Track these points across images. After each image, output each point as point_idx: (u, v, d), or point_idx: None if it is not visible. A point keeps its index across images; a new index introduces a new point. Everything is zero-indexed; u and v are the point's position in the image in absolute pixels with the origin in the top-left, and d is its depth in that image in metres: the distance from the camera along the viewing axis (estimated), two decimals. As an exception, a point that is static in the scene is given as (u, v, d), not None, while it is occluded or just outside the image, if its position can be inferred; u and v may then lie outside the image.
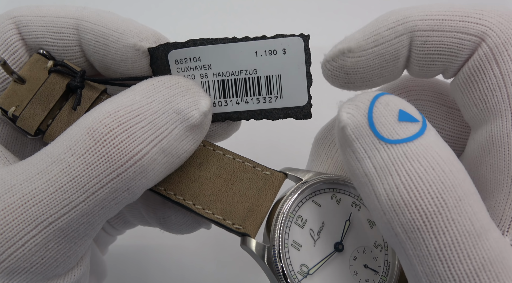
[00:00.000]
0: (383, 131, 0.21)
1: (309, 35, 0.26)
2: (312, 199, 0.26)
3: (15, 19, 0.27)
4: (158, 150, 0.23)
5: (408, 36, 0.24)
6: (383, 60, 0.25)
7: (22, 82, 0.26)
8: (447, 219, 0.19)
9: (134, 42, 0.25)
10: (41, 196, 0.21)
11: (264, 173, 0.27)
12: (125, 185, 0.22)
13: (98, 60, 0.27)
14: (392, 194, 0.20)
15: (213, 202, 0.26)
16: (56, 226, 0.22)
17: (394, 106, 0.22)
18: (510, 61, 0.22)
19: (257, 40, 0.26)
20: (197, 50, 0.26)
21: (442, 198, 0.19)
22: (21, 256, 0.21)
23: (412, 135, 0.21)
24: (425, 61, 0.25)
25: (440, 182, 0.20)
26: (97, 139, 0.22)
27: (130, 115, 0.22)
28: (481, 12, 0.23)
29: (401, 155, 0.20)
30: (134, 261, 0.43)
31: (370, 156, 0.21)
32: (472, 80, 0.24)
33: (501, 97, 0.23)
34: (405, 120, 0.21)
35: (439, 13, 0.24)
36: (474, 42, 0.23)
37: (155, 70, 0.26)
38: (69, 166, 0.22)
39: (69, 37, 0.27)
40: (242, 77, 0.26)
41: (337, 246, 0.26)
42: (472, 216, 0.19)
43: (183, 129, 0.24)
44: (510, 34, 0.23)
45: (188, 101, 0.24)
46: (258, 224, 0.26)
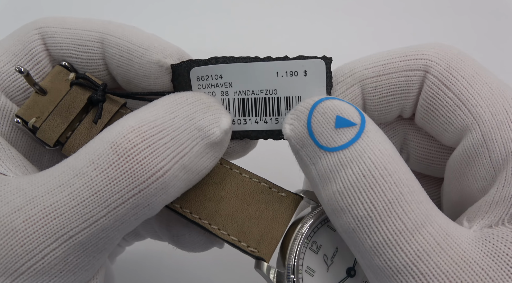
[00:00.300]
0: (321, 140, 0.23)
1: (331, 57, 0.26)
2: (327, 224, 0.26)
3: (41, 29, 0.27)
4: (180, 166, 0.23)
5: (358, 86, 0.26)
6: None
7: (44, 94, 0.27)
8: (377, 221, 0.21)
9: (158, 59, 0.26)
10: (62, 210, 0.22)
11: (280, 194, 0.27)
12: (146, 201, 0.22)
13: (121, 74, 0.27)
14: (331, 200, 0.22)
15: (229, 223, 0.26)
16: (76, 240, 0.22)
17: (330, 113, 0.23)
18: (457, 82, 0.24)
19: (279, 61, 0.26)
20: (219, 68, 0.26)
21: (372, 203, 0.21)
22: (41, 269, 0.22)
23: (347, 142, 0.22)
24: (382, 105, 0.26)
25: (370, 189, 0.21)
26: (120, 154, 0.22)
27: (153, 131, 0.23)
28: (417, 49, 0.25)
29: (337, 163, 0.22)
30: (137, 265, 0.44)
31: (314, 163, 0.23)
32: (432, 109, 0.25)
33: (463, 115, 0.24)
34: (341, 126, 0.23)
35: (380, 59, 0.26)
36: (419, 76, 0.25)
37: (176, 86, 0.26)
38: (92, 180, 0.22)
39: (93, 51, 0.27)
40: (262, 96, 0.26)
41: (349, 271, 0.26)
42: (402, 216, 0.21)
43: (203, 145, 0.24)
44: (448, 60, 0.25)
45: (210, 118, 0.24)
46: (273, 248, 0.26)
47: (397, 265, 0.21)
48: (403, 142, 0.29)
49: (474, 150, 0.24)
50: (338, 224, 0.23)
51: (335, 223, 0.23)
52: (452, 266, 0.20)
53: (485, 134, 0.23)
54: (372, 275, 0.22)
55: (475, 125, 0.24)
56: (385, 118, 0.27)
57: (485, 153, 0.23)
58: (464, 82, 0.24)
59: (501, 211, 0.22)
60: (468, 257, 0.21)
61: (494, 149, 0.23)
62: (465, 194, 0.25)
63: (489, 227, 0.22)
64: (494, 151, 0.23)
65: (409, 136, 0.29)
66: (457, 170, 0.25)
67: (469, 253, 0.21)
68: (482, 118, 0.24)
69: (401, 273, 0.21)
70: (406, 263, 0.21)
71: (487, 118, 0.23)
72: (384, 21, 0.51)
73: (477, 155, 0.24)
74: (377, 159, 0.22)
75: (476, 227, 0.22)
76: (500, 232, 0.21)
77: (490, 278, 0.20)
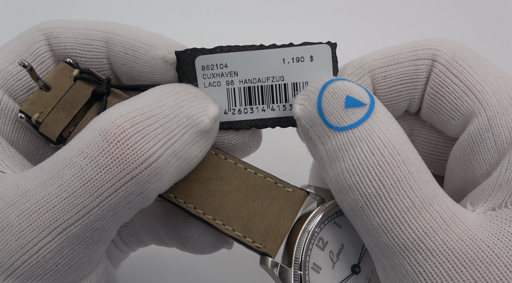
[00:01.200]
0: (331, 119, 0.23)
1: (336, 43, 0.26)
2: (333, 221, 0.26)
3: (45, 30, 0.27)
4: (171, 152, 0.23)
5: (368, 76, 0.26)
6: None
7: (47, 89, 0.26)
8: (386, 199, 0.21)
9: (163, 54, 0.26)
10: (54, 202, 0.21)
11: (286, 190, 0.26)
12: (139, 189, 0.22)
13: (126, 72, 0.27)
14: (339, 178, 0.23)
15: (234, 218, 0.26)
16: (70, 232, 0.21)
17: (341, 94, 0.23)
18: (464, 70, 0.25)
19: (284, 47, 0.26)
20: (224, 57, 0.26)
21: (380, 180, 0.21)
22: (35, 263, 0.21)
23: (357, 121, 0.23)
24: (392, 94, 0.27)
25: (379, 166, 0.21)
26: (110, 141, 0.21)
27: (142, 117, 0.22)
28: (423, 41, 0.26)
29: (346, 142, 0.22)
30: (137, 267, 0.43)
31: (323, 143, 0.24)
32: (439, 96, 0.26)
33: (470, 100, 0.25)
34: (351, 106, 0.23)
35: (388, 51, 0.26)
36: (427, 64, 0.26)
37: (181, 75, 0.26)
38: (82, 170, 0.21)
39: (98, 49, 0.27)
40: (269, 84, 0.26)
41: (354, 268, 0.26)
42: (410, 194, 0.21)
43: (193, 133, 0.24)
44: (454, 50, 0.25)
45: (198, 107, 0.24)
46: (278, 244, 0.26)
47: (404, 241, 0.21)
48: (409, 138, 0.29)
49: (479, 134, 0.24)
50: (345, 202, 0.23)
51: (342, 202, 0.23)
52: (459, 243, 0.21)
53: (491, 119, 0.24)
54: (379, 253, 0.22)
55: (481, 110, 0.24)
56: (395, 110, 0.27)
57: (490, 137, 0.24)
58: (470, 70, 0.25)
59: (504, 194, 0.22)
60: (473, 235, 0.21)
61: (499, 133, 0.23)
62: (469, 180, 0.25)
63: (492, 210, 0.22)
64: (499, 135, 0.23)
65: (415, 132, 0.29)
66: (462, 157, 0.25)
67: (475, 232, 0.21)
68: (488, 103, 0.24)
69: (409, 250, 0.21)
70: (414, 239, 0.21)
71: (493, 103, 0.24)
72: (385, 22, 0.51)
73: (482, 140, 0.24)
74: (386, 138, 0.22)
75: (480, 210, 0.23)
76: (503, 214, 0.22)
77: (496, 255, 0.20)
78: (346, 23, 0.51)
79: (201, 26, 0.51)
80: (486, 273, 0.20)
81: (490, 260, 0.20)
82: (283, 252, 0.26)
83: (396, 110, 0.27)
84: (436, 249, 0.21)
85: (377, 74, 0.26)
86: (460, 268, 0.20)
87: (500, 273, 0.20)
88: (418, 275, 0.21)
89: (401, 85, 0.26)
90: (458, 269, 0.20)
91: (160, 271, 0.43)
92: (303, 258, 0.25)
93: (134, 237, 0.32)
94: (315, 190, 0.27)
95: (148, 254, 0.43)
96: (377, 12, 0.51)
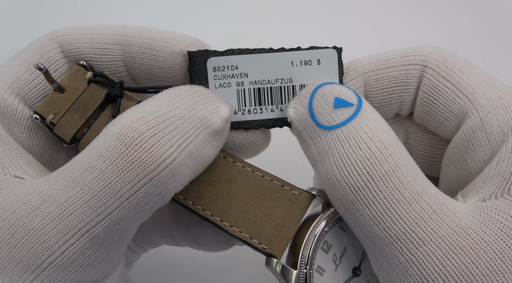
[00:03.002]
0: (321, 119, 0.25)
1: (341, 47, 0.27)
2: (338, 224, 0.27)
3: (58, 38, 0.28)
4: (186, 153, 0.23)
5: (361, 78, 0.28)
6: None
7: (62, 91, 0.27)
8: (375, 191, 0.22)
9: (181, 48, 0.26)
10: (76, 205, 0.22)
11: (292, 192, 0.27)
12: (158, 189, 0.22)
13: (144, 71, 0.28)
14: (329, 174, 0.23)
15: (241, 220, 0.26)
16: (93, 233, 0.22)
17: (330, 95, 0.25)
18: (454, 74, 0.26)
19: (293, 51, 0.27)
20: (235, 59, 0.27)
21: (368, 173, 0.22)
22: (61, 264, 0.22)
23: (345, 120, 0.24)
24: (383, 97, 0.28)
25: (366, 160, 0.22)
26: (128, 144, 0.22)
27: (157, 120, 0.23)
28: (414, 48, 0.28)
29: (335, 139, 0.24)
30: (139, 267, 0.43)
31: (315, 142, 0.25)
32: (432, 100, 0.27)
33: (462, 102, 0.26)
34: (340, 106, 0.24)
35: (381, 56, 0.28)
36: (418, 70, 0.27)
37: (193, 75, 0.27)
38: (102, 173, 0.22)
39: (113, 53, 0.28)
40: (278, 85, 0.27)
41: (355, 271, 0.26)
42: (399, 185, 0.22)
43: (206, 134, 0.25)
44: (444, 56, 0.27)
45: (210, 108, 0.25)
46: (284, 246, 0.26)
47: (396, 232, 0.22)
48: (405, 141, 0.31)
49: (473, 133, 0.25)
50: (336, 198, 0.24)
51: (333, 198, 0.24)
52: (449, 231, 0.21)
53: (483, 118, 0.25)
54: (371, 245, 0.23)
55: (473, 110, 0.25)
56: (385, 112, 0.29)
57: (483, 135, 0.25)
58: (460, 74, 0.26)
59: (494, 186, 0.23)
60: (463, 223, 0.22)
61: (491, 131, 0.25)
62: (463, 177, 0.26)
63: (482, 201, 0.23)
64: (491, 133, 0.25)
65: (410, 135, 0.30)
66: (456, 156, 0.26)
67: (465, 220, 0.22)
68: (479, 103, 0.25)
69: (400, 240, 0.22)
70: (405, 229, 0.22)
71: (484, 104, 0.25)
72: (388, 22, 0.52)
73: (476, 138, 0.25)
74: (372, 133, 0.23)
75: (471, 201, 0.24)
76: (493, 204, 0.23)
77: (485, 242, 0.21)
78: (351, 22, 0.51)
79: (205, 25, 0.51)
80: (476, 259, 0.21)
81: (480, 247, 0.21)
82: (287, 253, 0.27)
83: (387, 112, 0.29)
84: (427, 238, 0.21)
85: (370, 76, 0.28)
86: (452, 255, 0.21)
87: (490, 259, 0.21)
88: (410, 264, 0.21)
89: (392, 88, 0.28)
90: (449, 256, 0.21)
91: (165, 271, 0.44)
92: (309, 261, 0.25)
93: (146, 239, 0.33)
94: (320, 192, 0.27)
95: (152, 255, 0.43)
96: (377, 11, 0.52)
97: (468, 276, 0.21)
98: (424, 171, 0.31)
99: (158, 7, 0.51)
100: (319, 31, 0.50)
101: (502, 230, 0.21)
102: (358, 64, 0.28)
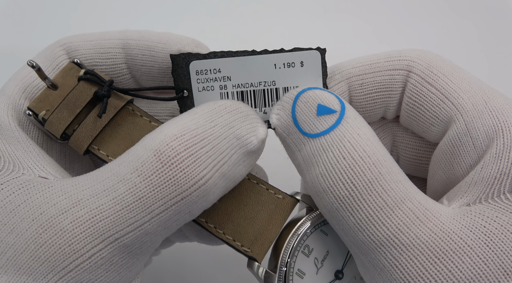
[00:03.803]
0: (304, 127, 0.25)
1: (325, 48, 0.27)
2: (320, 228, 0.27)
3: (64, 45, 0.29)
4: (220, 175, 0.24)
5: (345, 83, 0.27)
6: None
7: (55, 88, 0.27)
8: (359, 200, 0.22)
9: (178, 48, 0.27)
10: (108, 213, 0.22)
11: (276, 196, 0.27)
12: (188, 208, 0.23)
13: (146, 72, 0.28)
14: (314, 182, 0.24)
15: (225, 222, 0.27)
16: (121, 242, 0.22)
17: (312, 102, 0.25)
18: (439, 79, 0.26)
19: (276, 53, 0.27)
20: (218, 62, 0.27)
21: (352, 183, 0.22)
22: (88, 268, 0.22)
23: (328, 128, 0.24)
24: (367, 101, 0.28)
25: (350, 170, 0.22)
26: (164, 162, 0.22)
27: (195, 139, 0.23)
28: (400, 52, 0.27)
29: (319, 148, 0.24)
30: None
31: (299, 149, 0.25)
32: (417, 105, 0.27)
33: (447, 107, 0.26)
34: (322, 114, 0.24)
35: (366, 60, 0.27)
36: (402, 74, 0.27)
37: (176, 78, 0.27)
38: (136, 187, 0.22)
39: (116, 56, 0.28)
40: (261, 88, 0.27)
41: (337, 274, 0.26)
42: (382, 193, 0.22)
43: (241, 154, 0.25)
44: (428, 61, 0.26)
45: (247, 127, 0.25)
46: (265, 249, 0.27)
47: (380, 238, 0.22)
48: (393, 144, 0.30)
49: (458, 139, 0.25)
50: (322, 205, 0.24)
51: (319, 205, 0.24)
52: (431, 236, 0.21)
53: (468, 123, 0.25)
54: (357, 250, 0.23)
55: (459, 115, 0.25)
56: (370, 116, 0.28)
57: (469, 141, 0.25)
58: (445, 78, 0.26)
59: (478, 190, 0.23)
60: (446, 228, 0.22)
61: (477, 137, 0.24)
62: (450, 181, 0.26)
63: (467, 205, 0.23)
64: (477, 139, 0.24)
65: (397, 138, 0.30)
66: (443, 160, 0.26)
67: (448, 225, 0.22)
68: (464, 109, 0.25)
69: (384, 246, 0.22)
70: (388, 235, 0.22)
71: (469, 109, 0.25)
72: (384, 22, 0.51)
73: (461, 144, 0.25)
74: (356, 142, 0.23)
75: (455, 205, 0.23)
76: (477, 209, 0.23)
77: (468, 245, 0.21)
78: (346, 23, 0.51)
79: (201, 27, 0.51)
80: (459, 263, 0.21)
81: (463, 251, 0.21)
82: (270, 256, 0.27)
83: (372, 116, 0.28)
84: (410, 243, 0.22)
85: (354, 81, 0.27)
86: (434, 260, 0.21)
87: (473, 263, 0.21)
88: (394, 269, 0.22)
89: (377, 93, 0.27)
90: (432, 260, 0.21)
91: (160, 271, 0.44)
92: (288, 264, 0.26)
93: None
94: (303, 197, 0.27)
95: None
96: (376, 12, 0.51)
97: (452, 279, 0.21)
98: (412, 173, 0.31)
99: (158, 9, 0.51)
100: (316, 32, 0.50)
101: (485, 234, 0.21)
102: (342, 68, 0.28)
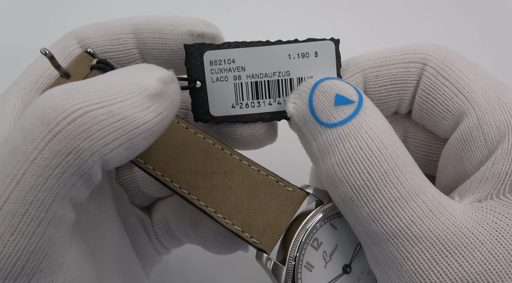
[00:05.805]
0: (322, 116, 0.25)
1: (339, 39, 0.27)
2: (330, 222, 0.27)
3: (76, 35, 0.29)
4: (105, 111, 0.20)
5: (360, 74, 0.28)
6: None
7: (67, 77, 0.27)
8: (374, 190, 0.23)
9: (188, 29, 0.27)
10: None
11: (286, 189, 0.27)
12: (66, 147, 0.19)
13: (157, 56, 0.28)
14: (330, 172, 0.24)
15: (234, 213, 0.27)
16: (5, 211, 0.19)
17: (330, 92, 0.25)
18: (453, 73, 0.26)
19: (290, 43, 0.27)
20: (232, 52, 0.27)
21: (369, 173, 0.23)
22: None
23: (346, 118, 0.24)
24: (382, 94, 0.28)
25: (367, 160, 0.23)
26: (34, 106, 0.20)
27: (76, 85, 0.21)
28: (415, 46, 0.28)
29: (336, 137, 0.24)
30: None
31: (315, 139, 0.25)
32: (430, 98, 0.27)
33: (460, 101, 0.26)
34: (340, 104, 0.24)
35: (381, 53, 0.28)
36: (418, 68, 0.27)
37: (189, 68, 0.27)
38: (11, 139, 0.20)
39: (127, 41, 0.28)
40: (275, 78, 0.27)
41: (345, 268, 0.27)
42: (397, 185, 0.22)
43: (141, 98, 0.21)
44: (444, 55, 0.27)
45: (148, 74, 0.22)
46: (274, 241, 0.26)
47: (392, 229, 0.22)
48: (403, 140, 0.30)
49: (470, 133, 0.25)
50: (336, 194, 0.24)
51: (333, 194, 0.24)
52: (444, 230, 0.22)
53: (480, 118, 0.25)
54: (369, 240, 0.23)
55: (471, 110, 0.25)
56: (384, 109, 0.29)
57: (480, 135, 0.25)
58: (459, 73, 0.26)
59: (490, 186, 0.23)
60: (458, 223, 0.22)
61: (488, 132, 0.24)
62: (460, 176, 0.26)
63: (478, 202, 0.23)
64: (488, 134, 0.24)
65: (408, 133, 0.30)
66: (453, 155, 0.26)
67: (460, 220, 0.22)
68: (477, 103, 0.25)
69: (396, 237, 0.22)
70: (401, 227, 0.22)
71: (482, 104, 0.25)
72: (386, 21, 0.51)
73: (473, 138, 0.25)
74: (373, 133, 0.23)
75: (467, 201, 0.24)
76: (488, 205, 0.23)
77: (480, 241, 0.21)
78: (349, 21, 0.51)
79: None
80: (470, 258, 0.21)
81: (474, 246, 0.21)
82: (278, 249, 0.27)
83: (385, 109, 0.29)
84: (422, 235, 0.22)
85: (369, 73, 0.28)
86: (446, 253, 0.21)
87: (484, 258, 0.21)
88: (405, 260, 0.22)
89: (391, 86, 0.28)
90: (443, 254, 0.21)
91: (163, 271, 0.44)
92: (297, 257, 0.26)
93: (167, 233, 0.33)
94: (313, 191, 0.27)
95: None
96: (379, 10, 0.52)
97: (463, 274, 0.21)
98: (422, 170, 0.31)
99: (157, 8, 0.51)
100: (319, 30, 0.50)
101: (497, 231, 0.22)
102: (358, 61, 0.28)
